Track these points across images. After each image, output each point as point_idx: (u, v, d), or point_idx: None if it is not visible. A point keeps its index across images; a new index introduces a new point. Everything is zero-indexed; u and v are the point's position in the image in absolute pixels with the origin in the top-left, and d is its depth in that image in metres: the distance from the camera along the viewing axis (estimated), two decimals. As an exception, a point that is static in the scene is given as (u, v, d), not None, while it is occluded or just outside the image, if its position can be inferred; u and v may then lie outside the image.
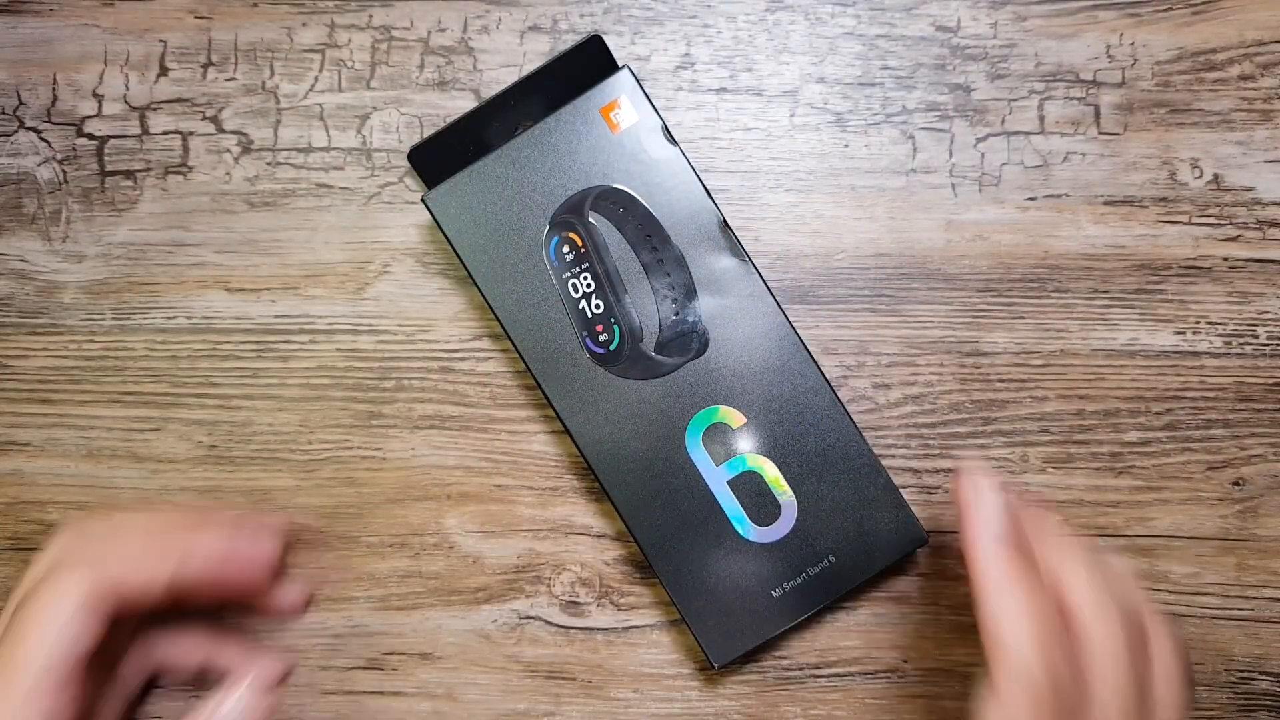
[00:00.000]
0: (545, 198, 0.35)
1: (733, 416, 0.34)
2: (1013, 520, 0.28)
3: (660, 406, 0.34)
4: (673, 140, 0.35)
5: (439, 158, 0.36)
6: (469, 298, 0.38)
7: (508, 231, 0.35)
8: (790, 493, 0.35)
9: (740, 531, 0.35)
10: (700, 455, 0.34)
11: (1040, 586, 0.27)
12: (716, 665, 0.35)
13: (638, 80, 0.35)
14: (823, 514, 0.35)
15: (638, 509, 0.35)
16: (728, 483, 0.35)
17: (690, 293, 0.34)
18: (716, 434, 0.34)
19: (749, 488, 0.35)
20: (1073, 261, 0.37)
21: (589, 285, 0.35)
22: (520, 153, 0.35)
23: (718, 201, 0.35)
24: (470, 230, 0.35)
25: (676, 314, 0.34)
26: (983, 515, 0.27)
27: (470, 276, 0.35)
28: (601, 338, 0.34)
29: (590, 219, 0.34)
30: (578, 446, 0.35)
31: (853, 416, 0.35)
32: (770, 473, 0.35)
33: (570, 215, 0.35)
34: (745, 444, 0.35)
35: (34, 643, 0.29)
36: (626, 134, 0.35)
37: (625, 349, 0.34)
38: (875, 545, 0.35)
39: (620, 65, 0.35)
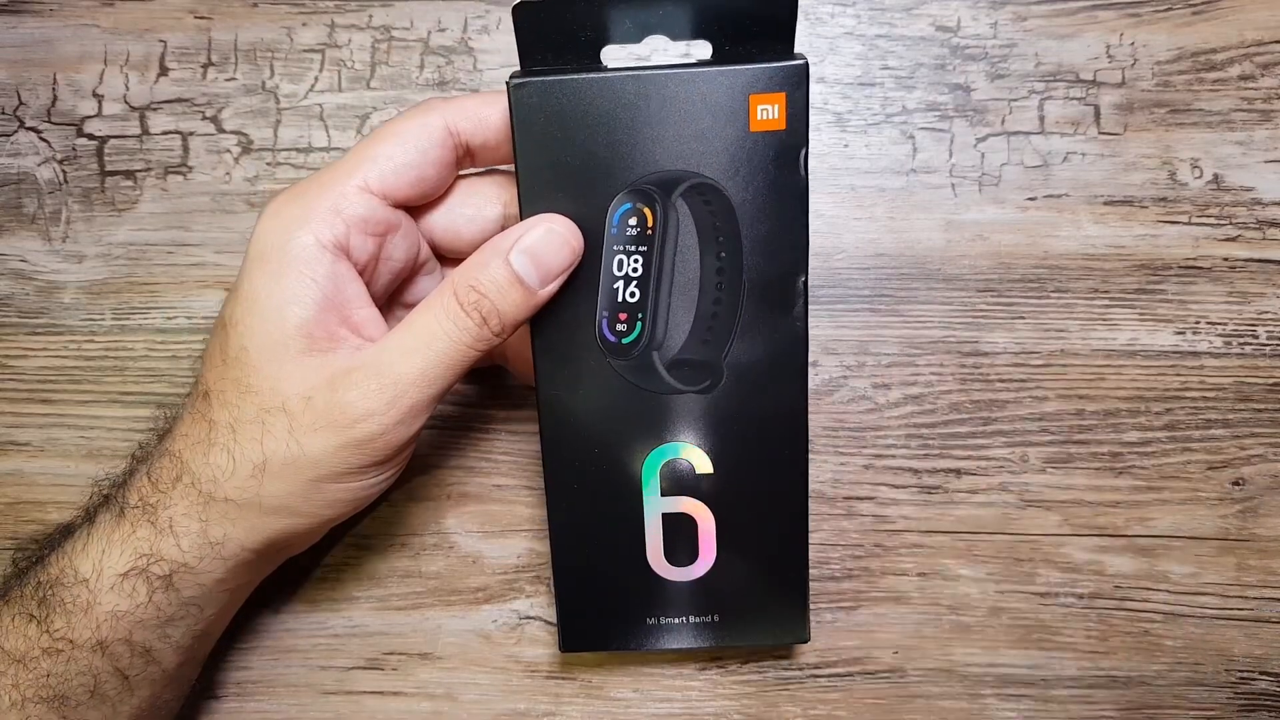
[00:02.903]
0: (638, 156, 0.29)
1: (702, 462, 0.32)
2: None
3: (639, 418, 0.32)
4: (806, 171, 0.30)
5: (548, 28, 0.29)
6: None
7: (582, 170, 0.30)
8: (714, 550, 0.33)
9: (648, 559, 0.33)
10: (651, 478, 0.32)
11: None
12: (563, 650, 0.34)
13: (808, 83, 0.29)
14: (732, 578, 0.33)
15: (566, 491, 0.32)
16: (662, 514, 0.33)
17: (730, 330, 0.31)
18: (677, 469, 0.32)
19: (679, 528, 0.33)
20: (1073, 261, 0.37)
21: (635, 269, 0.30)
22: (640, 90, 0.29)
23: (811, 258, 0.31)
24: (543, 145, 0.29)
25: (705, 342, 0.31)
26: None
27: (519, 193, 0.30)
28: (620, 327, 0.31)
29: (676, 205, 0.30)
30: (539, 413, 0.32)
31: (810, 512, 0.34)
32: (705, 526, 0.33)
33: (656, 190, 0.30)
34: (698, 491, 0.32)
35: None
36: (762, 138, 0.29)
37: (638, 350, 0.31)
38: (761, 624, 0.34)
39: (798, 55, 0.29)
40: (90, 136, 0.39)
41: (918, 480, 0.38)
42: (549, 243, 0.29)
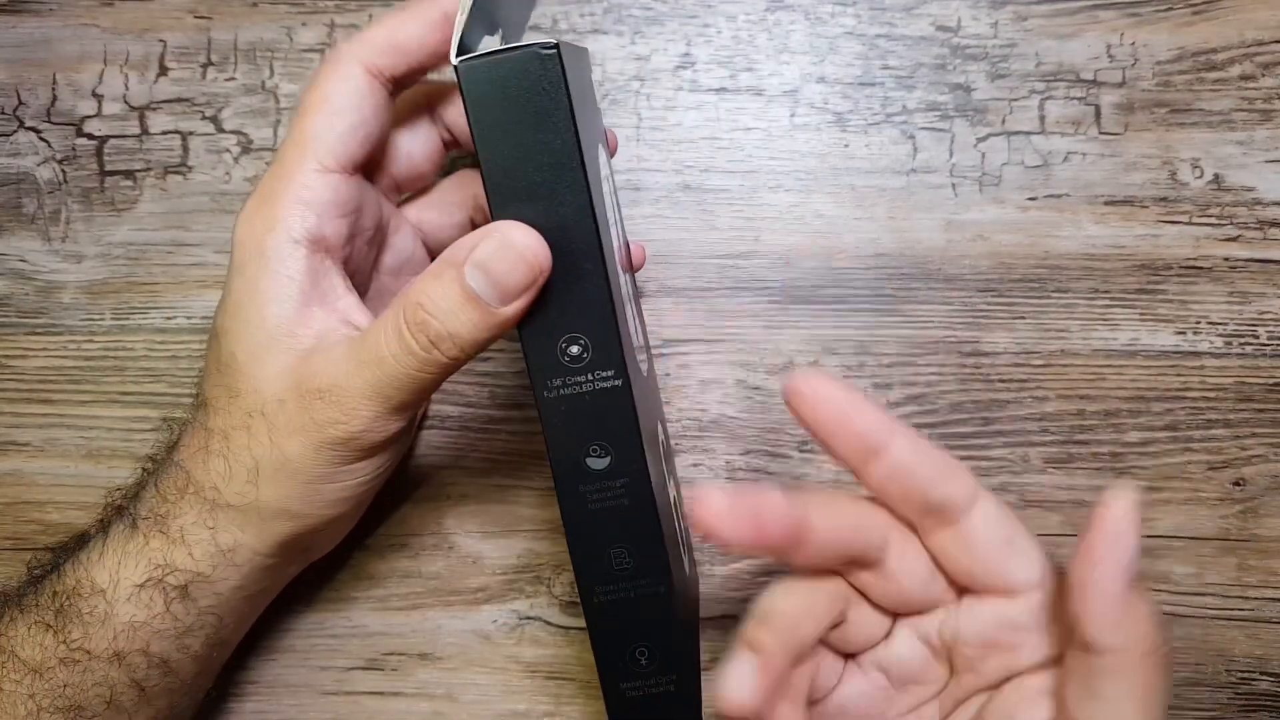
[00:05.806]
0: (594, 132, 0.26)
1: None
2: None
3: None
4: None
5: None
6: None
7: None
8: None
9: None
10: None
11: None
12: None
13: None
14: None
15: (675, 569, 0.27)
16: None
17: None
18: None
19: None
20: (1073, 261, 0.37)
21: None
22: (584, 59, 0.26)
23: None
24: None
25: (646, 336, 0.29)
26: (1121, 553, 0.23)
27: (487, 194, 0.25)
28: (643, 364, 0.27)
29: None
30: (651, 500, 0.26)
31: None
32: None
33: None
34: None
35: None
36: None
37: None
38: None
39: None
40: (90, 136, 0.39)
41: (918, 480, 0.38)
42: (503, 258, 0.25)
